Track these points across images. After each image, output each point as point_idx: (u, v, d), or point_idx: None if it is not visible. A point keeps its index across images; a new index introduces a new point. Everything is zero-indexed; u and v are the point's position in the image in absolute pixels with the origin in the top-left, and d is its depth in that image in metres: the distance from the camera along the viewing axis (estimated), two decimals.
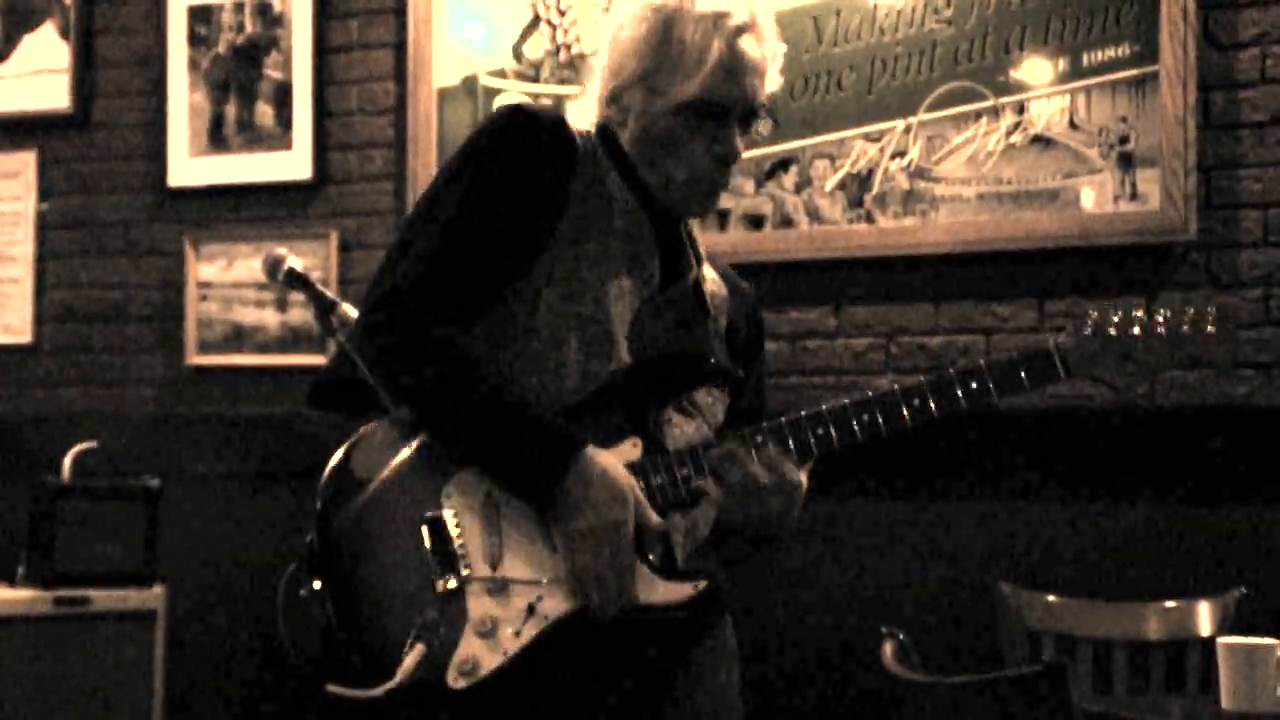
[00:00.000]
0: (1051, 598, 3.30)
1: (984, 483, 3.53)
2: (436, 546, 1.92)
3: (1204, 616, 3.20)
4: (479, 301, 1.99)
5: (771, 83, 2.07)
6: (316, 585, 1.93)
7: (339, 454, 1.98)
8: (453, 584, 1.90)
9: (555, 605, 1.91)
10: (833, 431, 2.01)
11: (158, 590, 3.90)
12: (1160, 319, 2.00)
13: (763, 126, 2.07)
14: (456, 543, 1.92)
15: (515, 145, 2.00)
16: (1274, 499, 3.32)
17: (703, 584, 1.96)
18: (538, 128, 2.02)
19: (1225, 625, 3.13)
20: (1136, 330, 2.00)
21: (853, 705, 3.59)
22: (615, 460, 1.93)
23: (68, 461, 4.02)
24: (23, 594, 3.84)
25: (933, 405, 2.01)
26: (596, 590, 1.89)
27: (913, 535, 3.60)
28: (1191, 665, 3.18)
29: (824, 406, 2.02)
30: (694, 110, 2.01)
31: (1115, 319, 2.01)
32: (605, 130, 2.10)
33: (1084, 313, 2.06)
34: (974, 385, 2.01)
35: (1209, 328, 1.98)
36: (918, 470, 3.54)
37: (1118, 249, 3.47)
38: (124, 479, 4.01)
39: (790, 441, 2.01)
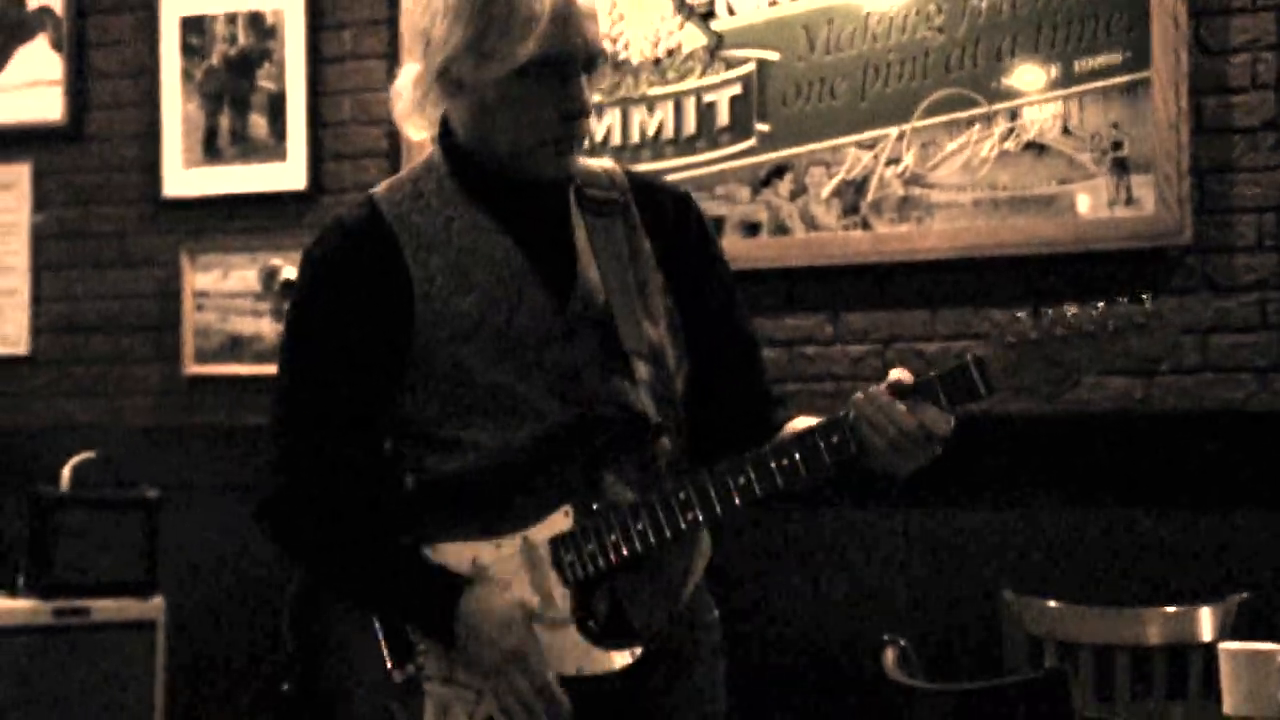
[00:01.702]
0: (1053, 604, 3.31)
1: (985, 489, 3.54)
2: (391, 639, 1.93)
3: (1205, 622, 3.19)
4: (355, 430, 1.95)
5: (603, 23, 1.95)
6: (290, 686, 2.00)
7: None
8: (409, 674, 1.91)
9: None
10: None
11: (157, 601, 3.91)
12: (1086, 317, 1.82)
13: (605, 72, 1.96)
14: (410, 632, 1.92)
15: (320, 292, 1.94)
16: (1273, 503, 3.34)
17: (639, 650, 1.88)
18: (334, 258, 1.93)
19: (1226, 630, 3.12)
20: (1060, 331, 1.82)
21: (854, 713, 3.59)
22: (492, 589, 1.87)
23: (66, 472, 4.03)
24: (22, 605, 3.84)
25: (848, 438, 1.91)
26: (526, 716, 1.86)
27: (914, 542, 3.61)
28: (1193, 671, 3.18)
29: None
30: (534, 71, 1.83)
31: (1037, 323, 1.82)
32: (445, 124, 1.95)
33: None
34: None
35: (1138, 319, 1.81)
36: (919, 478, 3.53)
37: (1114, 254, 3.48)
38: (123, 489, 4.01)
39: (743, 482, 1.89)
